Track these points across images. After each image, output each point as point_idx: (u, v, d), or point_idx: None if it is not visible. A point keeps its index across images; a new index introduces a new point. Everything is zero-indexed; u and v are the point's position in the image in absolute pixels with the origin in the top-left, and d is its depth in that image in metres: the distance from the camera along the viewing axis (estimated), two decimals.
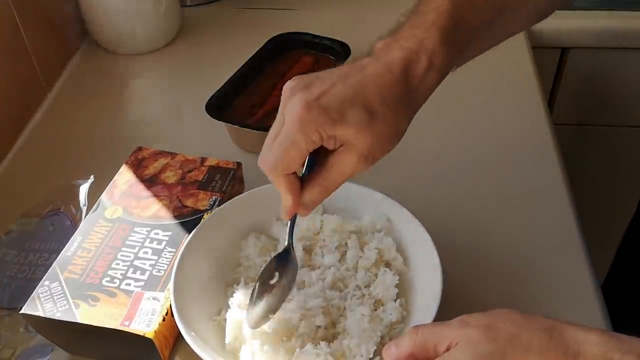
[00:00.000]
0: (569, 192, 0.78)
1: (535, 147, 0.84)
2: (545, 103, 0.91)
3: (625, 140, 1.26)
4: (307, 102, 0.51)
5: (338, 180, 0.54)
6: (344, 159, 0.52)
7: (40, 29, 0.94)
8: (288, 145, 0.52)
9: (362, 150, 0.52)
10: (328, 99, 0.51)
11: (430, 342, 0.48)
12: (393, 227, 0.67)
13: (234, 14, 1.13)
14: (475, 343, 0.46)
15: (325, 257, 0.65)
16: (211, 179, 0.73)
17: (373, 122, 0.51)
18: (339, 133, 0.51)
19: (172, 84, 0.99)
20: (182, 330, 0.57)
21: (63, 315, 0.59)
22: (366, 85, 0.52)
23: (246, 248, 0.67)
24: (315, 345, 0.57)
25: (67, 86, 0.99)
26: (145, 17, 1.00)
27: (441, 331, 0.48)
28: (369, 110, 0.51)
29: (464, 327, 0.47)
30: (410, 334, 0.49)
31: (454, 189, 0.79)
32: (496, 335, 0.46)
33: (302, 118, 0.51)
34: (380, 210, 0.67)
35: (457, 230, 0.65)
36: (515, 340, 0.45)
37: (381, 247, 0.65)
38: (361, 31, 1.00)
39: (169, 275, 0.63)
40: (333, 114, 0.50)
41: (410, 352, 0.49)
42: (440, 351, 0.47)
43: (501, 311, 0.48)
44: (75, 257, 0.64)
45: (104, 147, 0.87)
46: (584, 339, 0.45)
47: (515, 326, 0.46)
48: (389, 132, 0.53)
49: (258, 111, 0.85)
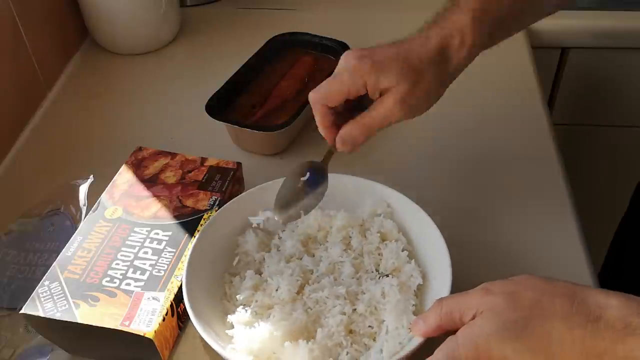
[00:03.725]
0: (569, 191, 0.78)
1: (535, 147, 0.85)
2: (545, 103, 0.91)
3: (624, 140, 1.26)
4: (359, 53, 0.61)
5: (376, 119, 0.62)
6: (384, 100, 0.61)
7: (40, 29, 0.94)
8: (333, 79, 0.62)
9: (400, 93, 0.60)
10: (376, 54, 0.61)
11: (455, 312, 0.50)
12: (393, 212, 0.69)
13: (234, 14, 1.13)
14: (500, 311, 0.48)
15: (330, 249, 0.66)
16: (211, 179, 0.73)
17: (411, 74, 0.60)
18: (381, 80, 0.60)
19: (172, 84, 0.99)
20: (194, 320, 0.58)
21: (63, 315, 0.59)
22: (409, 49, 0.61)
23: (244, 244, 0.67)
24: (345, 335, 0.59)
25: (67, 86, 0.99)
26: (145, 17, 1.00)
27: (465, 301, 0.50)
28: (409, 65, 0.60)
29: (487, 294, 0.49)
30: (435, 307, 0.52)
31: (454, 188, 0.79)
32: (519, 302, 0.48)
33: (352, 64, 0.61)
34: (379, 197, 0.69)
35: (457, 229, 0.65)
36: (539, 307, 0.47)
37: (383, 230, 0.67)
38: (361, 31, 1.01)
39: (169, 275, 0.63)
40: (378, 64, 0.60)
41: (437, 324, 0.52)
42: (466, 320, 0.49)
43: (523, 277, 0.50)
44: (75, 257, 0.64)
45: (104, 147, 0.87)
46: (605, 303, 0.46)
47: (538, 293, 0.48)
48: (425, 86, 0.61)
49: (258, 111, 0.85)
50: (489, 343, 0.47)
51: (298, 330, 0.59)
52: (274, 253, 0.66)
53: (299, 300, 0.62)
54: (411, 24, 0.64)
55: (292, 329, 0.58)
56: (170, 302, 0.61)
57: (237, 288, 0.64)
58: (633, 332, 0.44)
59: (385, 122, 0.62)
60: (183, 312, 0.63)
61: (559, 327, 0.46)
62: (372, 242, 0.66)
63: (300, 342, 0.57)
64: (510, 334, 0.47)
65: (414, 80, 0.60)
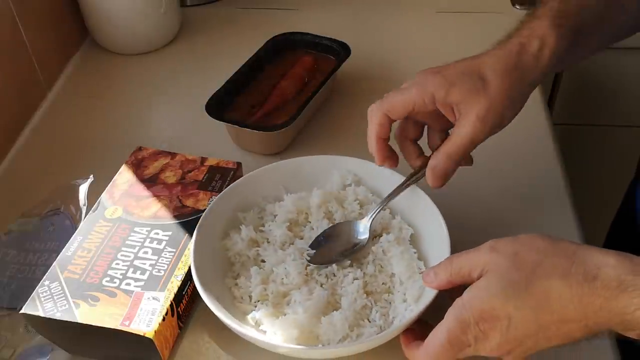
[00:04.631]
0: (569, 191, 0.78)
1: (535, 147, 0.85)
2: (545, 103, 0.91)
3: (624, 140, 1.26)
4: (430, 69, 0.60)
5: (459, 144, 0.60)
6: (462, 122, 0.59)
7: (40, 29, 0.94)
8: (399, 91, 0.61)
9: (477, 111, 0.58)
10: (448, 69, 0.60)
11: (465, 269, 0.53)
12: (361, 180, 0.71)
13: (234, 14, 1.13)
14: (503, 272, 0.50)
15: (317, 227, 0.68)
16: (211, 179, 0.73)
17: (485, 87, 0.58)
18: (451, 92, 0.58)
19: (172, 84, 0.99)
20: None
21: (63, 315, 0.59)
22: (482, 62, 0.60)
23: (234, 246, 0.67)
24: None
25: (67, 86, 0.99)
26: (145, 17, 1.00)
27: (473, 258, 0.53)
28: (481, 78, 0.58)
29: (493, 252, 0.52)
30: (446, 264, 0.55)
31: (453, 188, 0.78)
32: (522, 263, 0.50)
33: (422, 77, 0.60)
34: (344, 169, 0.71)
35: (456, 229, 0.65)
36: (539, 268, 0.49)
37: (359, 197, 0.69)
38: (361, 31, 1.01)
39: (169, 275, 0.63)
40: (449, 77, 0.59)
41: (448, 280, 0.55)
42: (474, 275, 0.52)
43: (528, 237, 0.52)
44: (75, 257, 0.64)
45: (104, 147, 0.87)
46: (603, 262, 0.48)
47: (540, 254, 0.50)
48: (501, 98, 0.59)
49: (258, 111, 0.85)
50: (493, 303, 0.50)
51: (323, 305, 0.61)
52: (266, 246, 0.67)
53: (311, 280, 0.64)
54: (411, 24, 0.64)
55: (318, 307, 0.60)
56: (170, 302, 0.61)
57: (246, 287, 0.64)
58: (625, 289, 0.46)
59: (470, 143, 0.60)
60: (183, 311, 0.63)
61: (558, 286, 0.48)
62: (353, 209, 0.69)
63: (334, 314, 0.60)
64: (512, 293, 0.49)
65: (489, 95, 0.58)
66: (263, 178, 0.71)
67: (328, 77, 0.87)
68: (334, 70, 0.88)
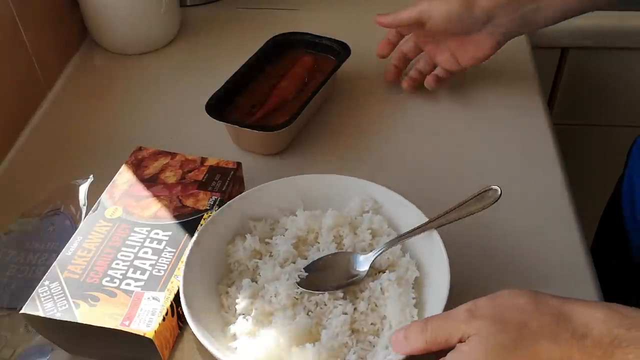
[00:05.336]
0: (569, 191, 0.78)
1: (535, 147, 0.85)
2: (545, 103, 0.91)
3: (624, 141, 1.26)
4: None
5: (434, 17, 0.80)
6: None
7: (40, 29, 0.94)
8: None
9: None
10: None
11: (441, 336, 0.50)
12: (381, 208, 0.68)
13: (234, 14, 1.13)
14: (487, 336, 0.48)
15: (323, 250, 0.66)
16: (211, 179, 0.73)
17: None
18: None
19: (172, 84, 0.99)
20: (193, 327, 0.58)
21: (63, 315, 0.59)
22: None
23: (235, 253, 0.66)
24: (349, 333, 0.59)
25: (67, 86, 0.99)
26: (145, 17, 1.00)
27: (451, 326, 0.50)
28: None
29: (472, 319, 0.49)
30: (419, 329, 0.52)
31: (453, 188, 0.78)
32: (505, 325, 0.48)
33: None
34: (365, 194, 0.69)
35: (456, 229, 0.65)
36: (525, 329, 0.47)
37: (373, 226, 0.66)
38: (361, 31, 1.01)
39: (169, 275, 0.63)
40: None
41: (424, 347, 0.51)
42: (453, 343, 0.49)
43: (507, 297, 0.50)
44: (75, 257, 0.64)
45: (104, 147, 0.87)
46: (591, 318, 0.47)
47: (524, 314, 0.48)
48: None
49: (258, 111, 0.85)
50: None
51: (302, 334, 0.58)
52: (267, 259, 0.66)
53: (299, 304, 0.61)
54: None
55: (297, 334, 0.58)
56: (170, 302, 0.61)
57: (234, 298, 0.63)
58: (619, 345, 0.45)
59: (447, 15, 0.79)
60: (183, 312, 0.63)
61: (547, 346, 0.47)
62: (364, 239, 0.66)
63: (307, 346, 0.57)
64: (500, 356, 0.47)
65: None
66: (283, 188, 0.70)
67: (328, 77, 0.87)
68: (334, 70, 0.88)
